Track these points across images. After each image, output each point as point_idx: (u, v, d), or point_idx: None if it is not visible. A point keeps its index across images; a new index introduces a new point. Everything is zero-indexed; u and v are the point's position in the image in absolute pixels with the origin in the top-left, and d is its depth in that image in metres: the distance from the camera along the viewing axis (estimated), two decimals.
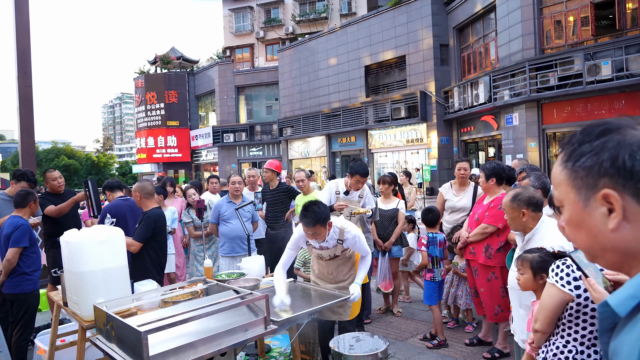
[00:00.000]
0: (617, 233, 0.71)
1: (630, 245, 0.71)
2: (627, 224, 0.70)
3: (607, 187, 0.70)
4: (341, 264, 3.39)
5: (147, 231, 3.70)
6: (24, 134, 6.45)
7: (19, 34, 6.39)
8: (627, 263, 0.73)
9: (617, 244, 0.72)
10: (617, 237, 0.71)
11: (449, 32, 16.14)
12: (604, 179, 0.71)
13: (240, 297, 2.66)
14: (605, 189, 0.71)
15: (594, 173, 0.72)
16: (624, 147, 0.69)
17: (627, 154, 0.69)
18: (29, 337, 3.88)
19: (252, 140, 24.45)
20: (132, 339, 2.15)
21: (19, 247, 3.72)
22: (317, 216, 2.95)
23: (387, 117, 17.26)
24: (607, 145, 0.71)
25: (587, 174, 0.73)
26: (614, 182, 0.70)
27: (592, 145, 0.73)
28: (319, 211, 2.97)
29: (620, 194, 0.69)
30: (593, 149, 0.72)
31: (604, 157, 0.71)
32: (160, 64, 28.28)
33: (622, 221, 0.70)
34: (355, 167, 4.29)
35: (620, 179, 0.69)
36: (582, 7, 11.37)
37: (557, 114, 11.84)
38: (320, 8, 24.34)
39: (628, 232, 0.70)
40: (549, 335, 1.95)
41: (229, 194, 5.13)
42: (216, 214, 5.00)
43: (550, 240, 2.47)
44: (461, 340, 4.32)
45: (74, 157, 45.57)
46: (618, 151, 0.70)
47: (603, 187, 0.71)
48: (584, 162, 0.74)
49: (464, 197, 4.87)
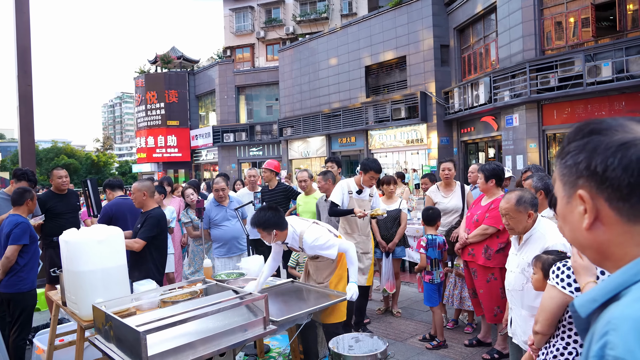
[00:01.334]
0: (591, 233, 0.73)
1: (603, 246, 0.72)
2: (602, 226, 0.71)
3: (582, 188, 0.72)
4: (321, 267, 3.41)
5: (152, 230, 3.71)
6: (23, 132, 6.44)
7: (20, 33, 6.38)
8: (602, 262, 0.75)
9: (591, 243, 0.74)
10: (591, 237, 0.73)
11: (449, 33, 16.13)
12: (581, 179, 0.72)
13: (239, 297, 2.66)
14: (580, 189, 0.72)
15: (573, 172, 0.73)
16: (601, 151, 0.69)
17: (601, 158, 0.69)
18: (27, 337, 3.87)
19: (252, 140, 24.43)
20: (131, 338, 2.15)
21: (19, 244, 3.72)
22: (257, 220, 3.02)
23: (388, 118, 17.25)
24: (587, 147, 0.72)
25: (569, 172, 0.74)
26: (589, 184, 0.71)
27: (576, 145, 0.74)
28: (261, 216, 3.02)
29: (593, 196, 0.71)
30: (575, 149, 0.73)
31: (580, 159, 0.72)
32: (160, 63, 28.26)
33: (596, 222, 0.71)
34: (369, 164, 4.31)
35: (594, 182, 0.70)
36: (582, 8, 11.36)
37: (558, 115, 11.83)
38: (321, 8, 24.33)
39: (602, 234, 0.72)
40: (550, 337, 1.94)
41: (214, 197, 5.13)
42: (207, 220, 5.00)
43: (551, 240, 2.47)
44: (460, 341, 4.32)
45: (73, 157, 45.54)
46: (594, 154, 0.70)
47: (580, 187, 0.72)
48: (566, 160, 0.75)
49: (452, 197, 4.91)
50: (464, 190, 4.96)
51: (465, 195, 4.93)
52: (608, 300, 0.67)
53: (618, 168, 0.67)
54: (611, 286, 0.68)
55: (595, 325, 0.67)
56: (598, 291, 0.69)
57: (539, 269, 2.16)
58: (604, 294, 0.68)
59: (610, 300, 0.67)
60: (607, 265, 0.74)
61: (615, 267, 0.72)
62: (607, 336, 0.61)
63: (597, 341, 0.63)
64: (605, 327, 0.62)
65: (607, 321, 0.63)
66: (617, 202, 0.68)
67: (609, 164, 0.68)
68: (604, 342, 0.61)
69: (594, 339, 0.64)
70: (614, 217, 0.70)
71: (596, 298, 0.68)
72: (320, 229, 3.26)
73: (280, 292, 3.34)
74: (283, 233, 3.13)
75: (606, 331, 0.62)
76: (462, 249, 4.08)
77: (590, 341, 0.66)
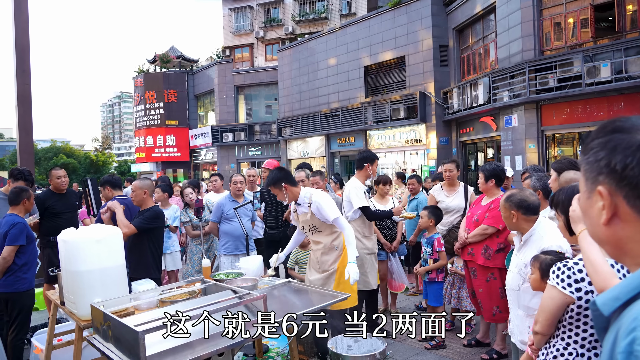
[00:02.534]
0: (609, 228, 0.74)
1: (621, 242, 0.74)
2: (620, 222, 0.73)
3: (602, 184, 0.73)
4: (325, 252, 3.60)
5: (149, 222, 3.75)
6: (22, 132, 6.43)
7: (18, 32, 6.36)
8: (621, 257, 0.76)
9: (609, 238, 0.75)
10: (609, 232, 0.75)
11: (448, 33, 16.14)
12: (601, 176, 0.73)
13: (238, 297, 2.65)
14: (600, 185, 0.74)
15: (594, 169, 0.75)
16: (621, 149, 0.71)
17: (620, 156, 0.70)
18: (25, 337, 3.86)
19: (251, 140, 24.41)
20: (129, 338, 2.14)
21: (16, 245, 3.70)
22: (267, 181, 3.59)
23: (387, 118, 17.25)
24: (608, 145, 0.73)
25: (590, 168, 0.76)
26: (609, 180, 0.72)
27: (598, 142, 0.75)
28: (269, 176, 3.58)
29: (612, 192, 0.72)
30: (597, 146, 0.75)
31: (601, 156, 0.73)
32: (159, 63, 28.22)
33: (614, 218, 0.73)
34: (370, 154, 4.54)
35: (613, 180, 0.71)
36: (581, 9, 11.37)
37: (556, 115, 11.84)
38: (320, 8, 24.32)
39: (620, 230, 0.73)
40: (549, 337, 1.94)
41: (231, 192, 5.11)
42: (219, 213, 4.92)
43: (548, 241, 2.47)
44: (459, 341, 4.31)
45: (72, 156, 45.42)
46: (614, 152, 0.71)
47: (600, 183, 0.74)
48: (588, 156, 0.77)
49: (455, 197, 4.95)
50: (467, 190, 5.01)
51: (468, 195, 4.97)
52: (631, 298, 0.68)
53: (637, 167, 0.68)
54: (635, 284, 0.68)
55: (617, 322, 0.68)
56: (621, 289, 0.70)
57: (537, 268, 2.16)
58: (627, 291, 0.69)
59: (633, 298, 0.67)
60: (626, 261, 0.75)
61: (634, 263, 0.73)
62: (635, 332, 0.62)
63: (625, 337, 0.63)
64: (633, 323, 0.63)
65: (634, 317, 0.63)
66: (635, 200, 0.70)
67: (628, 162, 0.69)
68: (632, 337, 0.62)
69: (620, 335, 0.65)
70: (632, 214, 0.71)
71: (619, 296, 0.69)
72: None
73: (279, 292, 3.34)
74: (294, 190, 3.50)
75: (634, 327, 0.62)
76: (461, 248, 4.08)
77: (615, 338, 0.66)
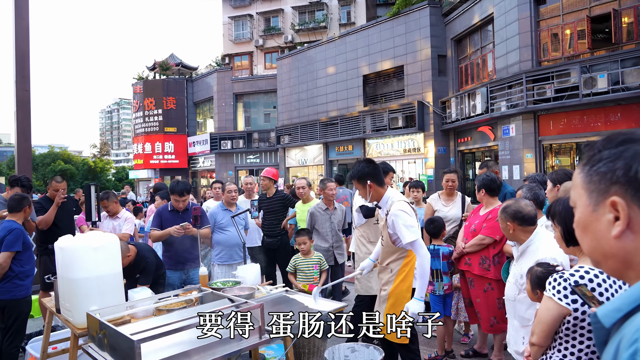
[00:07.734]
0: (619, 241, 0.72)
1: (630, 255, 0.72)
2: (631, 234, 0.71)
3: (616, 195, 0.72)
4: (381, 270, 3.20)
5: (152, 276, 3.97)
6: (20, 137, 6.42)
7: (19, 38, 6.38)
8: (626, 272, 0.74)
9: (618, 252, 0.73)
10: (618, 245, 0.72)
11: (447, 43, 16.25)
12: (615, 186, 0.72)
13: (235, 305, 2.64)
14: (614, 196, 0.72)
15: (607, 179, 0.73)
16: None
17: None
18: (20, 344, 3.83)
19: (249, 148, 24.43)
20: (125, 347, 2.12)
21: (12, 251, 3.68)
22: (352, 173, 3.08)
23: (385, 127, 17.30)
24: (624, 155, 0.72)
25: (601, 179, 0.74)
26: (624, 191, 0.71)
27: (610, 152, 0.74)
28: (355, 167, 3.07)
29: (628, 203, 0.71)
30: (610, 156, 0.74)
31: (618, 165, 0.72)
32: (159, 70, 28.30)
33: (626, 230, 0.71)
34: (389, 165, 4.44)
35: (630, 189, 0.70)
36: (578, 20, 11.48)
37: (554, 125, 11.90)
38: (320, 17, 24.49)
39: (631, 242, 0.71)
40: (546, 348, 1.94)
41: (224, 201, 5.10)
42: (212, 222, 4.95)
43: (543, 252, 2.47)
44: (457, 351, 4.29)
45: (70, 162, 45.37)
46: (633, 161, 0.71)
47: (613, 194, 0.72)
48: (599, 167, 0.75)
49: (453, 207, 4.93)
50: (464, 200, 4.98)
51: (465, 205, 4.94)
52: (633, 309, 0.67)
53: None
54: (637, 295, 0.68)
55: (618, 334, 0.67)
56: (622, 300, 0.69)
57: (528, 280, 2.18)
58: (629, 302, 0.68)
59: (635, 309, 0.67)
60: (630, 276, 0.74)
61: (637, 277, 0.72)
62: (638, 343, 0.61)
63: (627, 348, 0.63)
64: (635, 335, 0.62)
65: (637, 328, 0.63)
66: None
67: None
68: (635, 348, 0.61)
69: (623, 346, 0.64)
70: None
71: (621, 307, 0.69)
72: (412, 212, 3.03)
73: (276, 302, 3.32)
74: (379, 190, 3.00)
75: (637, 338, 0.62)
76: (458, 258, 4.08)
77: (617, 350, 0.65)
